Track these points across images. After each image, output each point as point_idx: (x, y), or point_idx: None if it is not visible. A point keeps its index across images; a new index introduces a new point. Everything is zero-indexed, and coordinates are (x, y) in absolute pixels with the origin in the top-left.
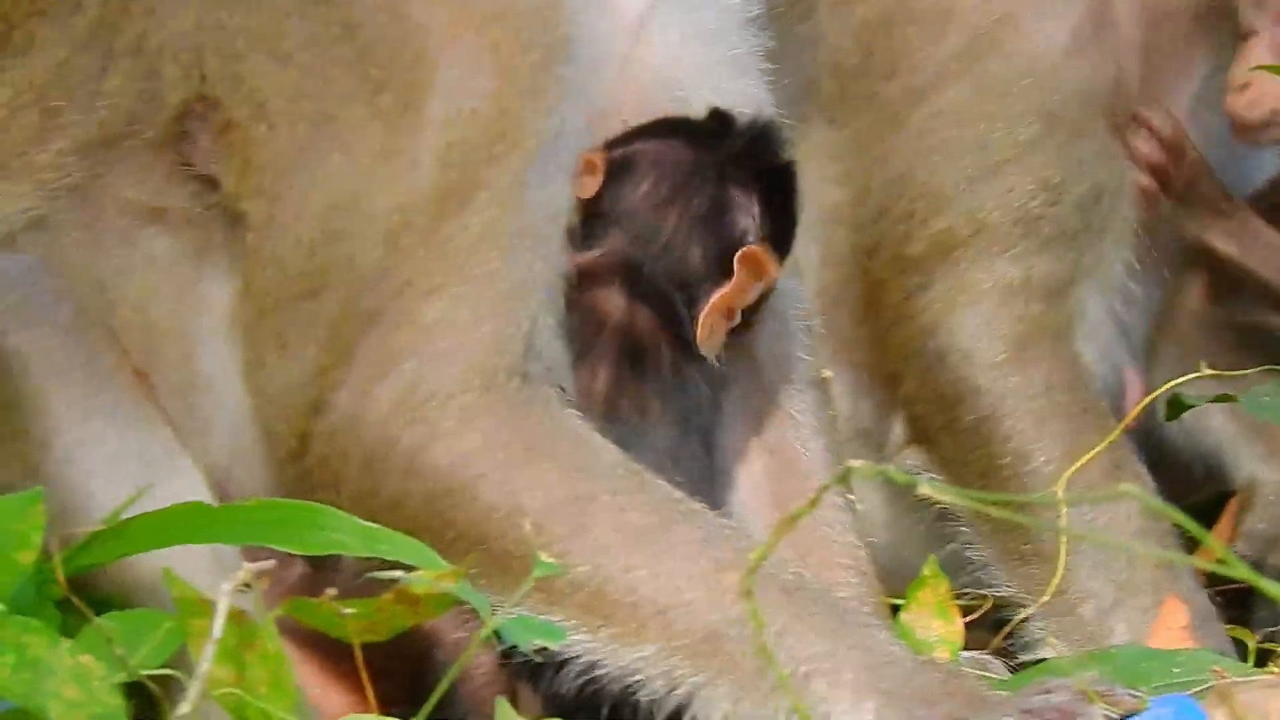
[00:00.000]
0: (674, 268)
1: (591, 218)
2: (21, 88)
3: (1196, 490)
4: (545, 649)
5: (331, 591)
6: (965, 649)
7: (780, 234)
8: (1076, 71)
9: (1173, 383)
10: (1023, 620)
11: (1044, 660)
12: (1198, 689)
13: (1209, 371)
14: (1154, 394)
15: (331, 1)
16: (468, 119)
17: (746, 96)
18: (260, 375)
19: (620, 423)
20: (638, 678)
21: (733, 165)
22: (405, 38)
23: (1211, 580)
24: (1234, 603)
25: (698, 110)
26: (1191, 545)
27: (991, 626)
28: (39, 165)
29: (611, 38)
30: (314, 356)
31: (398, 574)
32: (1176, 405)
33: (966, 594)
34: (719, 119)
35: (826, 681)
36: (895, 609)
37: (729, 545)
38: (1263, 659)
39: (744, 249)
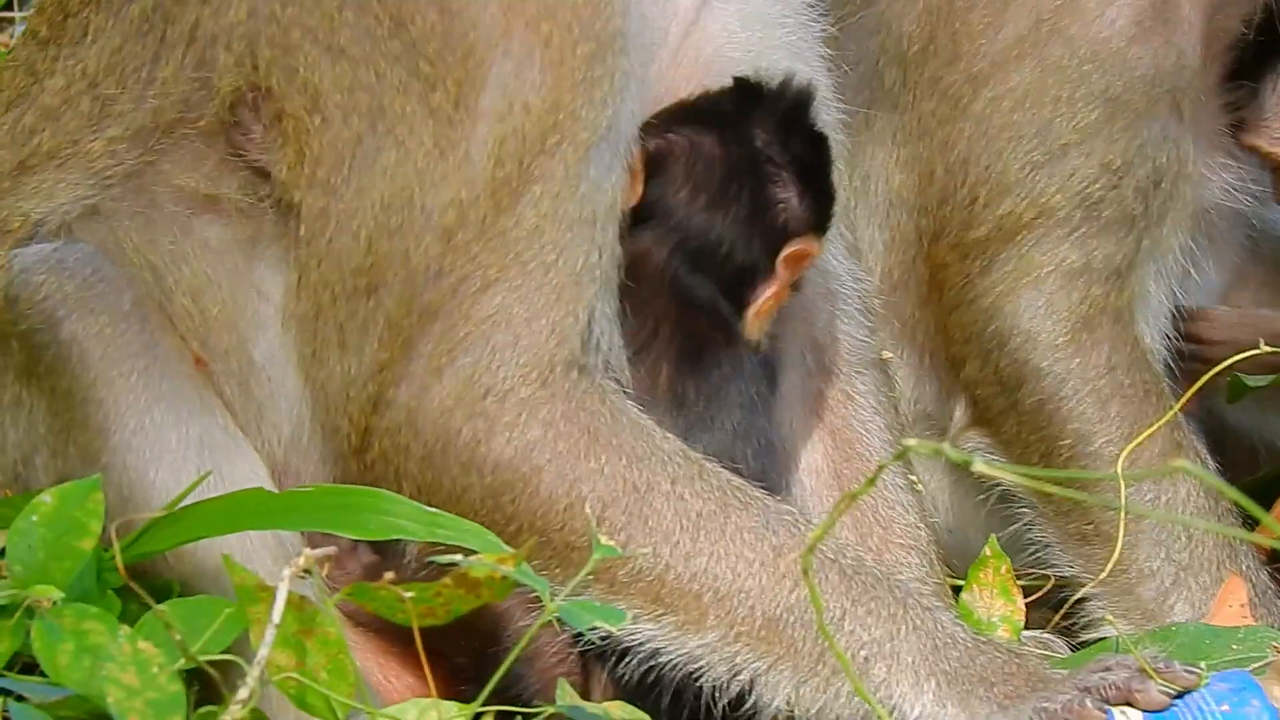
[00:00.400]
0: (718, 264)
1: (638, 213)
2: (75, 76)
3: (1258, 469)
4: (609, 636)
5: (390, 575)
6: (1027, 628)
7: (820, 213)
8: (1139, 56)
9: (1230, 359)
10: (1082, 600)
11: (1104, 639)
12: (1257, 665)
13: (1267, 349)
14: (1211, 372)
15: None
16: (520, 113)
17: (805, 81)
18: (320, 371)
19: (687, 411)
20: (700, 664)
21: (766, 148)
22: (456, 33)
23: (1271, 558)
24: None
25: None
26: (1252, 525)
27: (1054, 606)
28: (93, 153)
29: (665, 26)
30: (373, 352)
31: (458, 558)
32: (1238, 386)
33: (1029, 574)
34: (746, 92)
35: (887, 665)
36: (957, 590)
37: (788, 531)
38: None
39: (788, 250)
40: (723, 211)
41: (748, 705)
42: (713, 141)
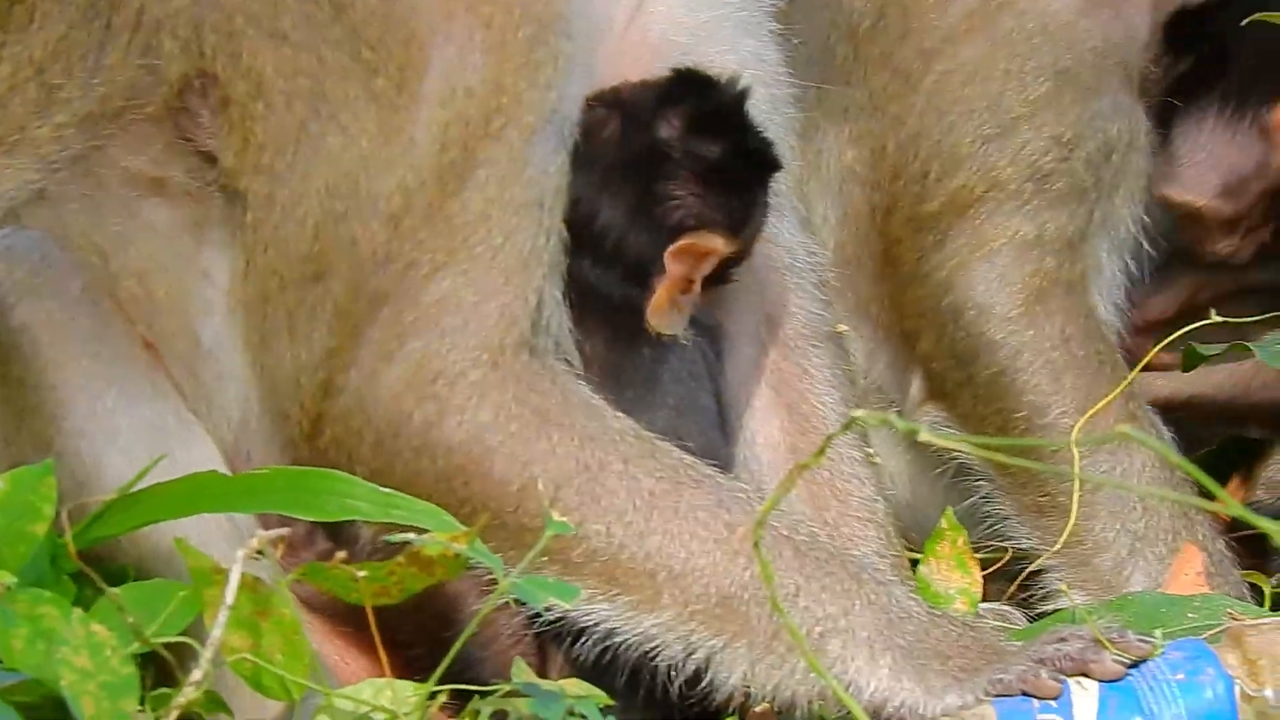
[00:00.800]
0: (611, 251)
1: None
2: (21, 63)
3: (1215, 441)
4: (564, 617)
5: (341, 555)
6: (984, 601)
7: (725, 212)
8: (1088, 29)
9: (1183, 329)
10: (1039, 571)
11: (1061, 610)
12: (1212, 633)
13: (1219, 319)
14: (1164, 341)
15: None
16: (463, 97)
17: (755, 58)
18: (269, 358)
19: (624, 388)
20: (655, 643)
21: (671, 140)
22: (396, 17)
23: (1229, 527)
24: (1251, 549)
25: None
26: (1210, 493)
27: (1011, 579)
28: (39, 139)
29: (610, 7)
30: (323, 339)
31: (411, 537)
32: (1192, 355)
33: (986, 546)
34: (678, 82)
35: (842, 640)
36: (915, 563)
37: (741, 508)
38: (1279, 603)
39: (674, 246)
40: (610, 197)
41: (704, 683)
42: (618, 125)
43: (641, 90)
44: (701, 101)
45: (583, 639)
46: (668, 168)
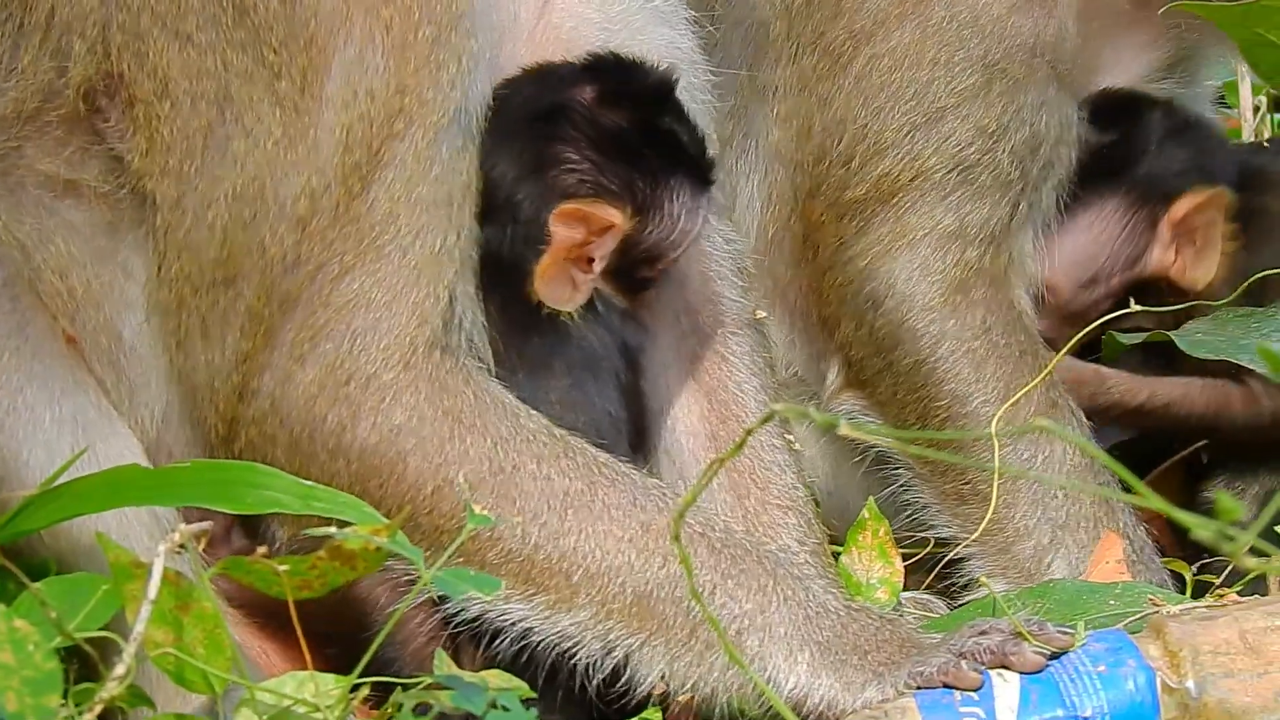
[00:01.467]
0: (503, 212)
1: None
2: None
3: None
4: (481, 617)
5: (263, 549)
6: (906, 589)
7: (627, 184)
8: (1019, 25)
9: (1103, 319)
10: (961, 560)
11: (983, 598)
12: (1133, 620)
13: (1138, 308)
14: (1085, 330)
15: None
16: (365, 99)
17: (669, 46)
18: (184, 361)
19: (516, 369)
20: (573, 642)
21: (574, 106)
22: (298, 21)
23: (1153, 515)
24: (1178, 535)
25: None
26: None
27: (932, 568)
28: None
29: (516, 4)
30: (236, 342)
31: (332, 531)
32: (1113, 344)
33: (909, 536)
34: (610, 62)
35: (759, 638)
36: (838, 554)
37: (656, 506)
38: (1200, 591)
39: (557, 209)
40: (508, 153)
41: (623, 681)
42: (532, 89)
43: (566, 64)
44: (622, 76)
45: (500, 638)
46: (568, 130)
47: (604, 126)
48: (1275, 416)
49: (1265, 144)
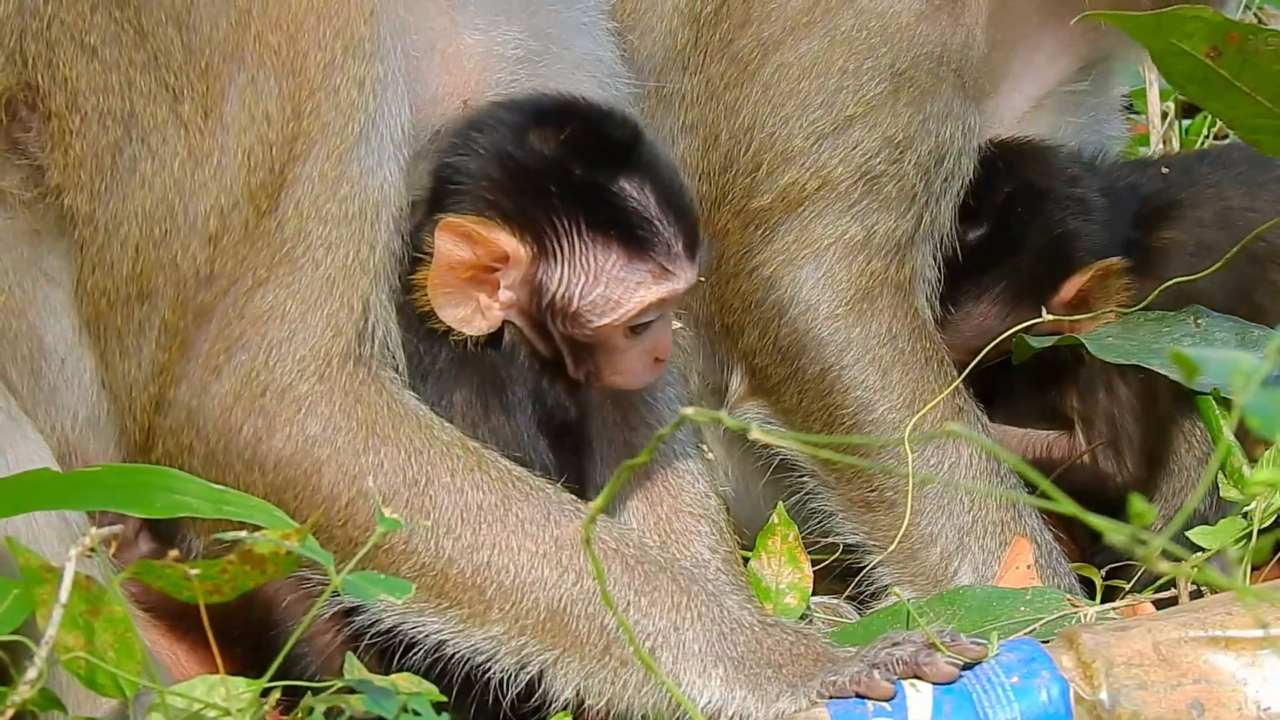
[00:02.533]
0: (412, 231)
1: None
2: None
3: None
4: (394, 630)
5: (174, 553)
6: (816, 595)
7: (524, 211)
8: (926, 34)
9: (1017, 328)
10: (871, 568)
11: (893, 605)
12: (1043, 624)
13: (1050, 317)
14: (998, 338)
15: (125, 4)
16: (263, 122)
17: (591, 58)
18: (105, 372)
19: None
20: (486, 656)
21: (485, 121)
22: (194, 48)
23: (1064, 520)
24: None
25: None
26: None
27: (843, 572)
28: None
29: (426, 22)
30: (152, 354)
31: (243, 535)
32: (1023, 347)
33: (819, 541)
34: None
35: (673, 654)
36: (747, 559)
37: (570, 521)
38: (1110, 595)
39: (441, 221)
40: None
41: (537, 695)
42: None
43: (549, 98)
44: (554, 108)
45: (413, 650)
46: (484, 146)
47: (528, 152)
48: (1097, 474)
49: (1163, 168)
